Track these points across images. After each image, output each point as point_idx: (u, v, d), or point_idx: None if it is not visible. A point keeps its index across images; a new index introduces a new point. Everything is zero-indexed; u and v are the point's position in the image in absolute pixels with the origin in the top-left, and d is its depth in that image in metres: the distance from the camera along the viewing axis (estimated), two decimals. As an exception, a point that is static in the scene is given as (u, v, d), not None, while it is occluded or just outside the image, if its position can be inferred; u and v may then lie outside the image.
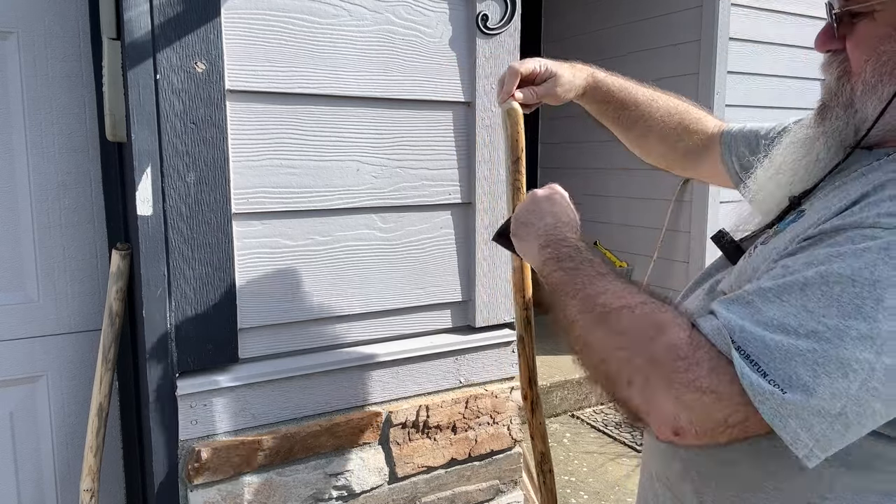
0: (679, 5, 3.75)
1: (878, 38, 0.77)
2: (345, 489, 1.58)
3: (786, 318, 0.65)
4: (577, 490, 2.77)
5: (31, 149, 1.45)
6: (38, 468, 1.55)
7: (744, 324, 0.67)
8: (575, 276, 0.83)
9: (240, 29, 1.37)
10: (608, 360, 0.74)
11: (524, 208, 1.01)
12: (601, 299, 0.77)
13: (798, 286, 0.66)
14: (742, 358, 0.65)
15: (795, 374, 0.63)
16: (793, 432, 0.64)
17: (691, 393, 0.66)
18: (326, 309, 1.55)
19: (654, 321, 0.72)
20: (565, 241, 0.90)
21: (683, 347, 0.68)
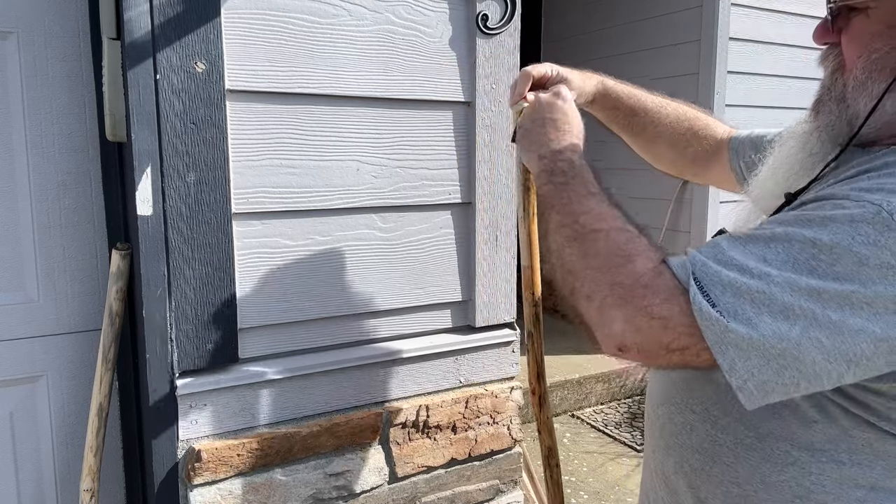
0: (679, 5, 3.75)
1: (871, 34, 0.77)
2: (345, 489, 1.58)
3: (745, 260, 0.69)
4: (577, 490, 2.77)
5: (31, 149, 1.45)
6: (38, 468, 1.55)
7: (706, 260, 0.71)
8: (563, 190, 0.87)
9: (240, 29, 1.37)
10: (575, 275, 0.80)
11: (528, 115, 1.03)
12: (582, 218, 0.82)
13: (764, 238, 0.70)
14: (697, 287, 0.70)
15: (741, 309, 0.67)
16: (730, 360, 0.67)
17: (643, 317, 0.71)
18: (326, 309, 1.55)
19: (624, 249, 0.77)
20: (561, 153, 0.93)
21: (646, 275, 0.73)
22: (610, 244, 0.78)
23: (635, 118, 1.27)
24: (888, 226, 0.64)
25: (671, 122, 1.25)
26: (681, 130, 1.26)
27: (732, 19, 3.56)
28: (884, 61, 0.76)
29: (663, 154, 1.30)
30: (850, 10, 0.80)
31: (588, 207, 0.82)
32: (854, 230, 0.65)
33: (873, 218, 0.65)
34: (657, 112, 1.25)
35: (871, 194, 0.67)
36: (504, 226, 1.71)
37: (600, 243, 0.78)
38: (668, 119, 1.25)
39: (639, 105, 1.26)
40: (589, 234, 0.80)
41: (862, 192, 0.68)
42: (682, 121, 1.26)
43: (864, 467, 0.74)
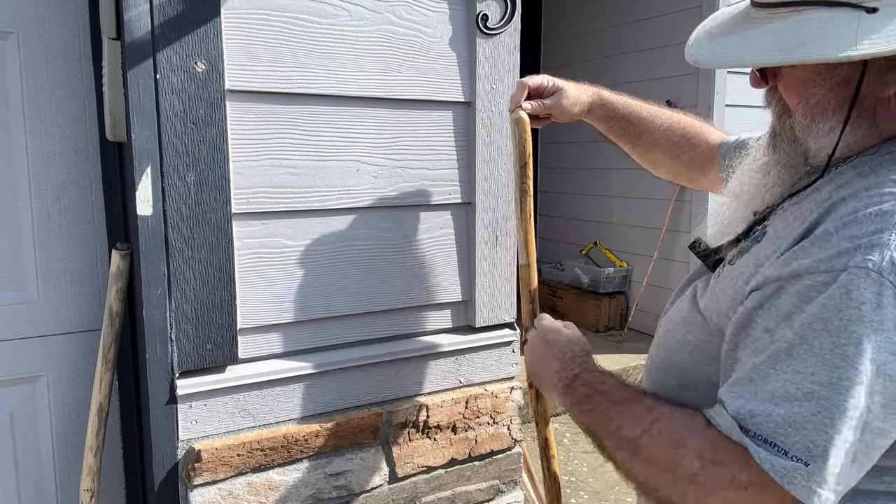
0: (679, 5, 3.75)
1: (804, 81, 0.79)
2: (345, 489, 1.58)
3: (784, 387, 0.69)
4: (577, 490, 2.77)
5: (31, 149, 1.44)
6: (38, 468, 1.55)
7: (751, 406, 0.71)
8: (595, 416, 0.87)
9: (239, 29, 1.37)
10: (656, 487, 0.79)
11: (530, 359, 1.08)
12: (622, 432, 0.81)
13: (784, 352, 0.70)
14: (758, 443, 0.69)
15: (812, 443, 0.66)
16: (825, 496, 0.67)
17: (734, 492, 0.71)
18: (326, 309, 1.55)
19: (673, 440, 0.76)
20: (577, 380, 0.94)
21: (708, 454, 0.72)
22: (659, 443, 0.77)
23: (631, 127, 1.32)
24: (882, 284, 0.65)
25: (665, 130, 1.29)
26: (675, 139, 1.30)
27: (732, 19, 3.55)
28: (822, 105, 0.78)
29: (661, 162, 1.34)
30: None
31: (622, 419, 0.82)
32: (856, 301, 0.66)
33: (866, 281, 0.66)
34: (651, 121, 1.30)
35: (850, 257, 0.67)
36: (504, 226, 1.71)
37: (649, 448, 0.78)
38: (663, 128, 1.29)
39: (634, 115, 1.30)
40: (638, 446, 0.79)
41: (840, 257, 0.68)
42: (675, 129, 1.30)
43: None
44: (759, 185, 0.89)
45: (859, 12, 0.68)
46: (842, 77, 0.76)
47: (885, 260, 0.66)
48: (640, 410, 0.81)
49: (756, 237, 0.83)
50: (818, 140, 0.80)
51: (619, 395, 0.85)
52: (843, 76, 0.75)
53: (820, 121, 0.79)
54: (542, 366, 1.03)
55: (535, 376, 1.06)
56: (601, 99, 1.31)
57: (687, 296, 0.94)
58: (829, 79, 0.76)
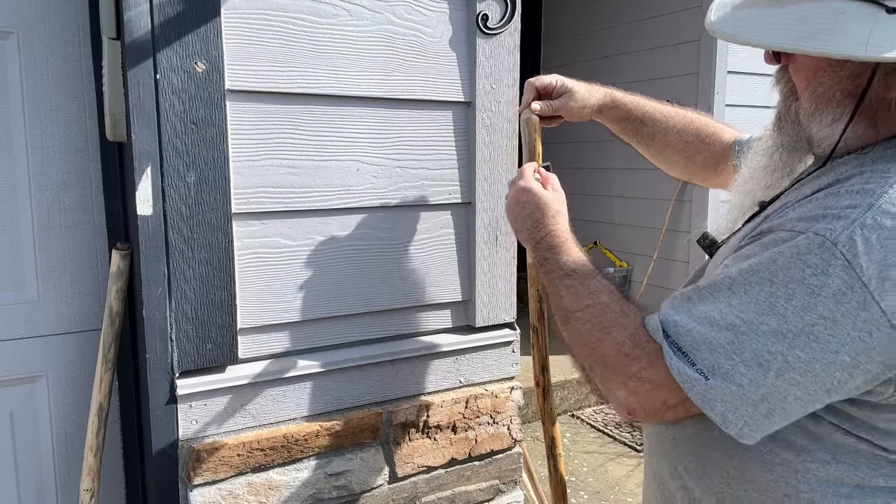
0: (679, 5, 3.75)
1: (815, 69, 0.79)
2: (345, 489, 1.58)
3: (712, 312, 0.74)
4: (577, 490, 2.77)
5: (31, 149, 1.44)
6: (38, 468, 1.55)
7: (678, 318, 0.77)
8: (549, 279, 0.96)
9: (240, 29, 1.37)
10: (575, 355, 0.89)
11: (509, 216, 1.13)
12: (563, 302, 0.91)
13: (726, 284, 0.74)
14: (672, 349, 0.75)
15: (717, 363, 0.72)
16: (721, 414, 0.72)
17: (634, 382, 0.78)
18: (326, 309, 1.55)
19: (600, 323, 0.84)
20: (542, 242, 1.02)
21: (626, 345, 0.80)
22: (587, 322, 0.86)
23: (644, 128, 1.32)
24: (833, 254, 0.67)
25: (679, 130, 1.30)
26: (689, 138, 1.30)
27: (732, 19, 3.55)
28: (829, 95, 0.79)
29: (675, 162, 1.35)
30: None
31: (566, 291, 0.91)
32: (803, 263, 0.68)
33: (819, 248, 0.68)
34: (665, 122, 1.30)
35: (815, 223, 0.70)
36: (504, 226, 1.71)
37: (580, 323, 0.87)
38: (677, 128, 1.30)
39: (647, 116, 1.31)
40: (571, 317, 0.88)
41: (807, 221, 0.71)
42: (689, 129, 1.30)
43: (848, 466, 0.75)
44: (765, 170, 0.90)
45: (879, 10, 0.68)
46: (852, 71, 0.75)
47: (843, 232, 0.67)
48: (583, 291, 0.89)
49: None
50: (820, 129, 0.81)
51: (570, 268, 0.93)
52: (853, 70, 0.75)
53: (824, 110, 0.79)
54: (517, 223, 1.09)
55: (515, 231, 1.13)
56: (613, 100, 1.32)
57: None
58: (839, 70, 0.76)
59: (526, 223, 1.06)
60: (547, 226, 1.03)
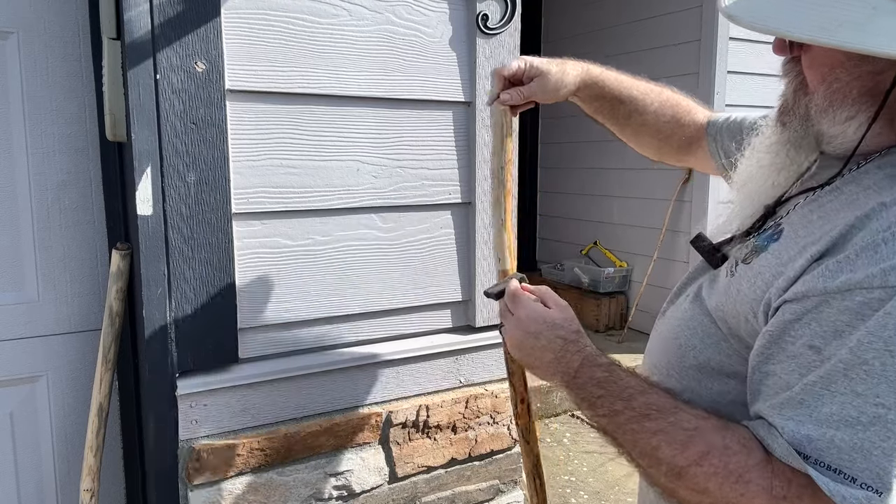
0: (679, 5, 3.75)
1: (831, 64, 0.76)
2: (345, 489, 1.58)
3: (844, 410, 0.64)
4: (577, 490, 2.77)
5: (31, 149, 1.44)
6: (38, 468, 1.55)
7: (807, 431, 0.66)
8: (617, 426, 0.80)
9: (240, 29, 1.37)
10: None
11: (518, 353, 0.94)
12: (659, 454, 0.74)
13: (841, 372, 0.65)
14: (822, 470, 0.65)
15: (882, 470, 0.63)
16: None
17: None
18: (326, 309, 1.55)
19: (730, 474, 0.70)
20: (579, 376, 0.86)
21: (775, 487, 0.67)
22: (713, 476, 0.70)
23: (621, 107, 1.23)
24: None
25: (656, 109, 1.22)
26: (665, 118, 1.23)
27: (732, 19, 3.55)
28: (845, 91, 0.75)
29: (648, 142, 1.28)
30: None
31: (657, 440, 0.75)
32: None
33: None
34: (643, 100, 1.22)
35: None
36: (504, 226, 1.71)
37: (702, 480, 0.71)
38: (654, 107, 1.22)
39: (625, 93, 1.22)
40: (684, 473, 0.72)
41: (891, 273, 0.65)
42: (666, 108, 1.23)
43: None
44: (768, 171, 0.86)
45: None
46: (871, 68, 0.72)
47: None
48: (682, 435, 0.73)
49: (771, 235, 0.80)
50: (833, 126, 0.77)
51: (642, 404, 0.77)
52: (874, 67, 0.72)
53: (838, 107, 0.76)
54: (533, 358, 0.92)
55: (528, 367, 0.95)
56: (590, 77, 1.21)
57: (689, 295, 0.91)
58: (859, 66, 0.73)
59: (546, 356, 0.90)
60: (579, 351, 0.88)
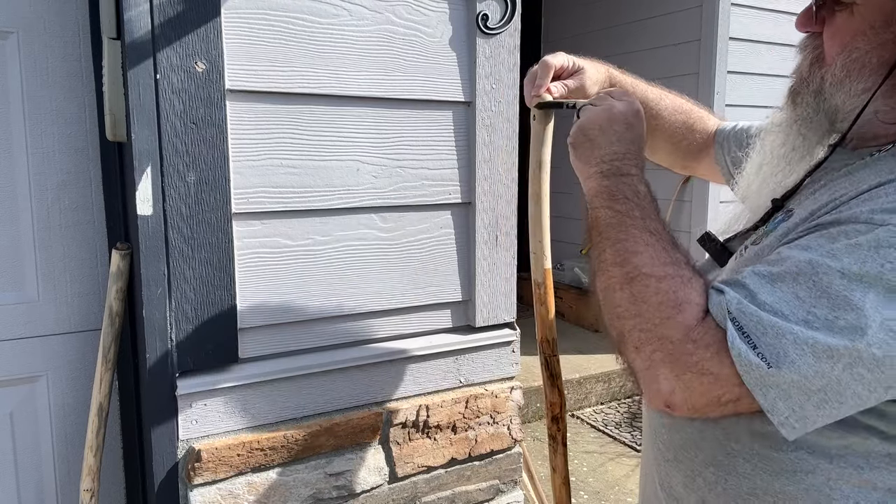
0: (679, 5, 3.75)
1: (854, 33, 0.76)
2: (345, 489, 1.58)
3: (778, 304, 0.68)
4: (577, 490, 2.77)
5: (31, 149, 1.44)
6: (38, 468, 1.55)
7: (742, 299, 0.70)
8: (621, 221, 0.80)
9: (240, 28, 1.37)
10: (624, 321, 0.76)
11: (595, 121, 0.91)
12: (636, 259, 0.77)
13: (791, 275, 0.69)
14: (736, 329, 0.68)
15: (783, 351, 0.66)
16: (771, 401, 0.68)
17: (692, 374, 0.70)
18: (326, 309, 1.55)
19: (675, 298, 0.73)
20: (627, 177, 0.85)
21: (695, 330, 0.71)
22: (660, 292, 0.74)
23: None
24: None
25: (669, 114, 1.23)
26: (677, 124, 1.24)
27: (732, 19, 3.56)
28: (864, 61, 0.76)
29: (659, 147, 1.28)
30: (836, 4, 0.79)
31: (644, 247, 0.78)
32: (882, 256, 0.65)
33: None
34: (657, 104, 1.23)
35: (893, 216, 0.66)
36: (504, 226, 1.71)
37: (651, 290, 0.74)
38: (667, 111, 1.23)
39: (641, 96, 1.21)
40: (640, 278, 0.75)
41: (884, 213, 0.67)
42: (678, 114, 1.24)
43: (881, 471, 0.73)
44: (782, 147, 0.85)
45: None
46: (893, 35, 0.73)
47: None
48: (665, 256, 0.76)
49: (781, 219, 0.81)
50: (848, 100, 0.77)
51: (655, 226, 0.80)
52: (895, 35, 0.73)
53: (856, 78, 0.76)
54: (603, 135, 0.89)
55: (585, 137, 0.91)
56: (612, 78, 1.21)
57: None
58: (880, 34, 0.74)
59: (615, 146, 0.88)
60: (642, 160, 0.88)
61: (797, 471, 0.75)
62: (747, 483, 0.80)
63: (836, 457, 0.74)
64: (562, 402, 1.20)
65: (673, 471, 0.89)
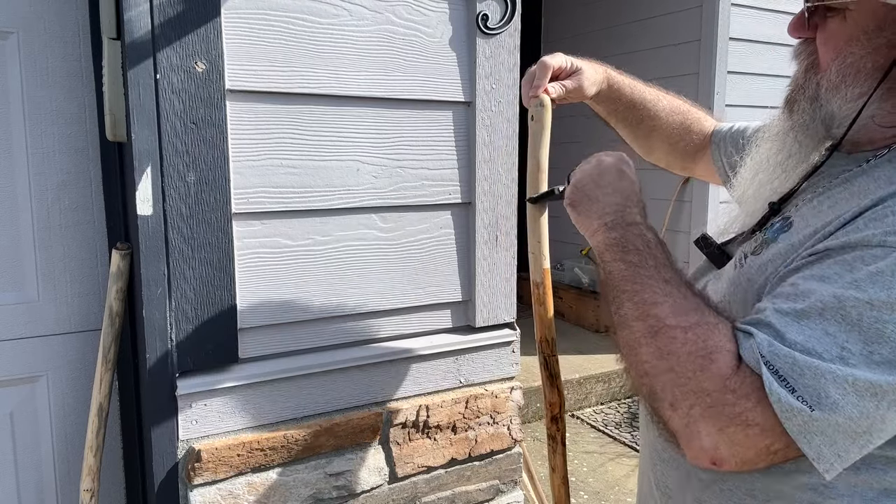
0: (679, 5, 3.75)
1: (847, 38, 0.76)
2: (345, 489, 1.58)
3: (809, 342, 0.65)
4: (577, 490, 2.77)
5: (31, 149, 1.44)
6: (38, 468, 1.55)
7: (773, 341, 0.67)
8: (636, 273, 0.79)
9: (240, 28, 1.37)
10: (654, 377, 0.73)
11: (588, 177, 0.92)
12: (656, 310, 0.74)
13: (816, 311, 0.66)
14: (771, 374, 0.66)
15: (825, 392, 0.63)
16: (817, 448, 0.65)
17: (736, 426, 0.67)
18: (326, 309, 1.55)
19: (705, 347, 0.70)
20: (634, 226, 0.84)
21: (732, 379, 0.67)
22: (688, 343, 0.70)
23: (634, 111, 1.23)
24: None
25: (666, 115, 1.23)
26: (675, 125, 1.24)
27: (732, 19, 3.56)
28: (859, 66, 0.75)
29: (657, 147, 1.28)
30: (828, 10, 0.78)
31: (663, 298, 0.75)
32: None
33: None
34: (654, 105, 1.23)
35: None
36: (504, 226, 1.71)
37: (679, 342, 0.71)
38: (665, 112, 1.23)
39: (638, 97, 1.23)
40: (664, 331, 0.72)
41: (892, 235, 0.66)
42: (676, 114, 1.24)
43: (878, 472, 0.73)
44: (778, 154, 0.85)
45: None
46: (886, 40, 0.73)
47: None
48: (687, 305, 0.74)
49: (781, 227, 0.80)
50: (843, 105, 0.77)
51: (670, 275, 0.78)
52: (888, 39, 0.73)
53: (851, 83, 0.76)
54: (600, 190, 0.90)
55: (583, 195, 0.92)
56: (610, 79, 1.21)
57: None
58: (874, 39, 0.74)
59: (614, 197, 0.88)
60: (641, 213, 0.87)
61: (793, 472, 0.75)
62: (744, 484, 0.79)
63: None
64: (561, 402, 1.20)
65: (669, 470, 0.89)
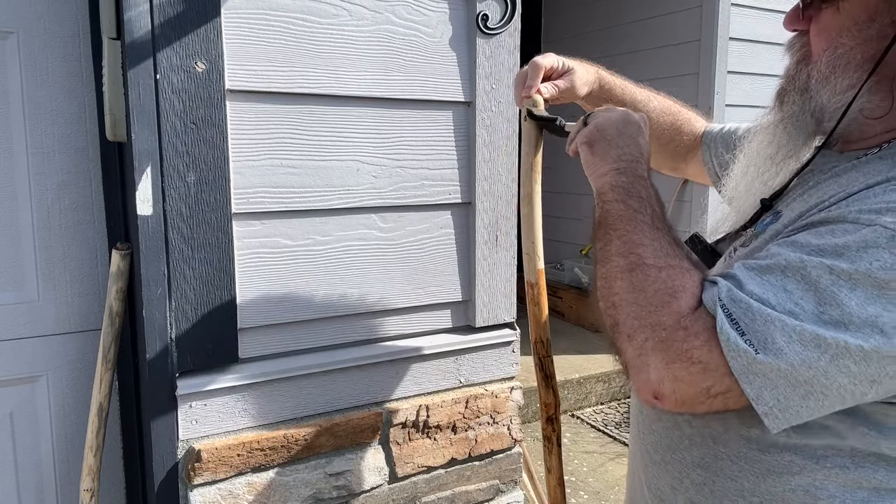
0: (679, 5, 3.75)
1: (839, 29, 0.77)
2: (345, 489, 1.58)
3: (766, 294, 0.68)
4: (577, 490, 2.77)
5: (31, 149, 1.44)
6: (38, 468, 1.55)
7: (732, 287, 0.70)
8: (633, 217, 0.82)
9: (240, 29, 1.38)
10: (619, 309, 0.76)
11: (613, 124, 0.93)
12: (640, 250, 0.78)
13: (779, 268, 0.69)
14: (725, 316, 0.69)
15: (771, 338, 0.66)
16: (757, 389, 0.67)
17: (682, 362, 0.70)
18: (326, 309, 1.55)
19: (672, 287, 0.73)
20: (643, 179, 0.87)
21: (688, 318, 0.71)
22: (658, 281, 0.74)
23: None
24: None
25: (657, 115, 1.23)
26: (665, 125, 1.24)
27: (732, 19, 3.56)
28: (848, 57, 0.76)
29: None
30: (823, 2, 0.80)
31: (650, 241, 0.79)
32: (869, 255, 0.66)
33: (888, 243, 0.65)
34: (645, 105, 1.23)
35: (881, 216, 0.67)
36: (504, 226, 1.71)
37: (651, 279, 0.75)
38: (655, 113, 1.23)
39: (630, 98, 1.23)
40: (640, 268, 0.76)
41: (872, 214, 0.68)
42: (666, 115, 1.24)
43: (867, 470, 0.74)
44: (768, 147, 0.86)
45: None
46: (877, 31, 0.74)
47: None
48: (669, 251, 0.77)
49: (770, 221, 0.82)
50: (833, 97, 0.78)
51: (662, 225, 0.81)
52: (881, 30, 0.73)
53: (841, 74, 0.77)
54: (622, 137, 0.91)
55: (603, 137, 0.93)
56: (601, 79, 1.22)
57: None
58: (864, 30, 0.75)
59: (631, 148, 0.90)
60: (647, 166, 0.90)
61: (784, 472, 0.76)
62: (734, 484, 0.80)
63: (823, 457, 0.75)
64: (556, 403, 1.21)
65: (660, 472, 0.90)
